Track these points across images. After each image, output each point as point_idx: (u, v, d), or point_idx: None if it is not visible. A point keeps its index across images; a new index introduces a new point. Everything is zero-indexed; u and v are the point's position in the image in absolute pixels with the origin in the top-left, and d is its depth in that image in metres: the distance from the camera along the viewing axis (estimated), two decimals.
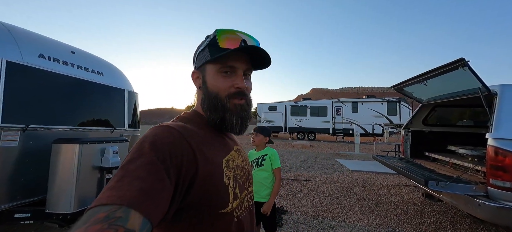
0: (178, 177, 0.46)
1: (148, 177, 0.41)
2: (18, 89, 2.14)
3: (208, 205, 0.52)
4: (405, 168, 2.75)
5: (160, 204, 0.41)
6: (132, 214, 0.36)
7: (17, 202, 2.24)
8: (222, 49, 0.57)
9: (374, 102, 16.84)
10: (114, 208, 0.35)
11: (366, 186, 4.86)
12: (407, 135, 3.80)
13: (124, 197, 0.37)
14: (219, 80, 0.59)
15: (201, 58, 0.61)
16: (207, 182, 0.51)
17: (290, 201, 4.05)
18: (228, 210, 0.55)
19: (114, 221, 0.33)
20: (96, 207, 0.36)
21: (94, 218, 0.33)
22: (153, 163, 0.43)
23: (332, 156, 9.44)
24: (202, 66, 0.61)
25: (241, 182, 0.63)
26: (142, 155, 0.44)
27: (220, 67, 0.59)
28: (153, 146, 0.46)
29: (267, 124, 19.32)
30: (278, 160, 2.07)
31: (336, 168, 6.74)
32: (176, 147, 0.48)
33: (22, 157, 2.21)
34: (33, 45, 2.36)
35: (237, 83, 0.59)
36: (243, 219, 0.60)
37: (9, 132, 2.08)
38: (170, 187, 0.44)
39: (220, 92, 0.59)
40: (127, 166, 0.43)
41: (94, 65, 3.02)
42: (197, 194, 0.49)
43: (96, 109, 2.96)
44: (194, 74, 0.65)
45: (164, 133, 0.50)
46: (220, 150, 0.60)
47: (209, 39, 0.59)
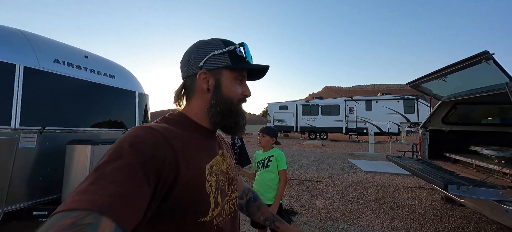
0: (157, 181, 0.43)
1: (126, 180, 0.38)
2: (35, 93, 2.25)
3: (187, 212, 0.49)
4: (423, 169, 2.59)
5: (135, 210, 0.38)
6: (103, 221, 0.33)
7: (35, 200, 2.36)
8: (245, 61, 0.62)
9: (390, 100, 16.17)
10: (83, 214, 0.32)
11: (381, 188, 4.65)
12: (425, 134, 3.58)
13: (96, 202, 0.34)
14: (236, 87, 0.62)
15: (217, 61, 0.60)
16: (188, 189, 0.49)
17: (300, 202, 3.96)
18: (207, 218, 0.53)
19: (82, 228, 0.30)
20: (63, 212, 0.33)
21: (59, 224, 0.30)
22: (132, 166, 0.40)
23: (345, 156, 9.17)
24: (216, 69, 0.61)
25: (223, 188, 0.61)
26: (121, 156, 0.41)
27: (237, 75, 0.62)
28: (133, 148, 0.43)
29: (278, 123, 19.21)
30: (284, 162, 2.02)
31: (349, 169, 6.53)
32: (158, 150, 0.46)
33: (39, 157, 2.32)
34: (49, 50, 2.47)
35: (247, 92, 0.64)
36: (224, 226, 0.59)
37: (27, 134, 2.19)
38: (148, 193, 0.41)
39: (234, 98, 0.62)
40: (102, 168, 0.39)
41: (106, 69, 3.12)
42: (176, 200, 0.47)
43: (108, 111, 3.06)
44: (202, 74, 0.60)
45: (146, 135, 0.47)
46: (204, 155, 0.58)
47: (233, 47, 0.61)
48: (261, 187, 2.00)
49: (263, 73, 0.68)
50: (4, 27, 2.27)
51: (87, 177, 0.39)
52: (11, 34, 2.26)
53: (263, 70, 0.66)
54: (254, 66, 0.64)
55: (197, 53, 0.61)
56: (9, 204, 2.14)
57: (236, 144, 2.36)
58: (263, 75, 0.69)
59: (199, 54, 0.61)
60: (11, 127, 2.07)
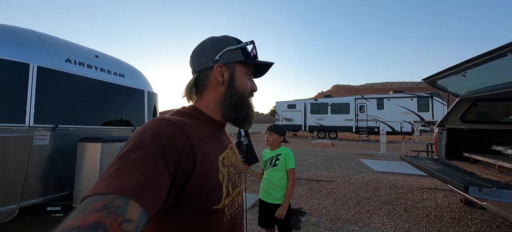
0: (176, 171, 0.46)
1: (148, 169, 0.41)
2: (47, 92, 2.31)
3: (202, 200, 0.52)
4: (440, 170, 2.45)
5: (157, 197, 0.41)
6: (131, 204, 0.36)
7: (49, 196, 2.43)
8: (254, 58, 0.68)
9: (403, 98, 15.61)
10: (113, 197, 0.35)
11: (394, 189, 4.48)
12: (442, 133, 3.40)
13: (123, 187, 0.37)
14: (247, 81, 0.67)
15: (232, 56, 0.64)
16: (203, 178, 0.52)
17: (309, 202, 3.88)
18: (220, 206, 0.56)
19: (113, 210, 0.33)
20: (94, 196, 0.35)
21: (92, 207, 0.33)
22: (153, 156, 0.43)
23: (355, 155, 8.95)
24: (231, 63, 0.64)
25: (233, 180, 0.64)
26: (142, 146, 0.44)
27: (248, 70, 0.68)
28: (154, 139, 0.45)
29: (286, 122, 19.05)
30: (292, 160, 1.96)
31: (360, 169, 6.35)
32: (177, 141, 0.48)
33: (52, 154, 2.39)
34: (61, 50, 2.53)
35: (254, 86, 0.70)
36: (234, 217, 0.62)
37: (41, 132, 2.25)
38: (168, 181, 0.44)
39: (245, 91, 0.66)
40: (126, 157, 0.42)
41: (116, 68, 3.16)
42: (193, 189, 0.50)
43: (118, 110, 3.11)
44: (218, 68, 0.64)
45: (165, 126, 0.50)
46: (216, 147, 0.61)
47: (245, 44, 0.66)
48: (268, 186, 1.96)
49: (266, 70, 0.74)
50: (19, 28, 2.34)
51: (111, 164, 0.42)
52: (25, 35, 2.32)
53: (266, 67, 0.72)
54: (262, 62, 0.69)
55: (212, 48, 0.64)
56: (24, 200, 2.21)
57: (243, 142, 2.32)
58: (265, 72, 0.75)
59: (214, 49, 0.64)
60: (26, 124, 2.13)
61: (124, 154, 0.43)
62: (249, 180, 4.94)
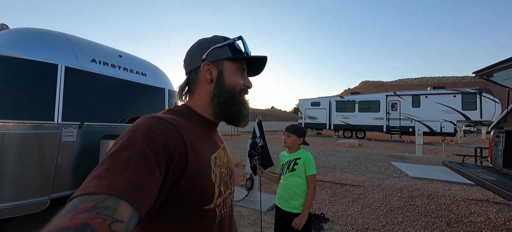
0: (168, 169, 0.46)
1: (139, 168, 0.40)
2: (74, 91, 2.43)
3: (194, 200, 0.52)
4: (498, 182, 2.01)
5: (148, 196, 0.40)
6: (121, 204, 0.35)
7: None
8: (243, 53, 0.66)
9: (444, 95, 13.94)
10: (102, 197, 0.34)
11: (433, 199, 3.94)
12: (499, 137, 2.84)
13: (113, 187, 0.36)
14: (237, 77, 0.65)
15: (218, 53, 0.64)
16: (196, 177, 0.52)
17: (333, 208, 3.60)
18: (212, 206, 0.56)
19: (102, 211, 0.33)
20: (83, 196, 0.34)
21: (81, 207, 0.32)
22: (145, 154, 0.42)
23: (386, 157, 8.21)
24: (218, 60, 0.64)
25: (225, 180, 0.63)
26: (133, 144, 0.43)
27: (238, 66, 0.66)
28: (146, 137, 0.45)
29: (310, 120, 18.44)
30: (313, 166, 1.76)
31: (391, 173, 5.77)
32: (169, 139, 0.48)
33: (79, 150, 2.52)
34: (87, 51, 2.65)
35: (247, 83, 0.68)
36: (225, 218, 0.62)
37: (69, 129, 2.38)
38: (160, 179, 0.43)
39: (236, 88, 0.64)
40: (116, 155, 0.41)
41: (138, 67, 3.25)
42: (185, 187, 0.50)
43: (140, 108, 3.19)
44: (206, 66, 0.64)
45: (157, 124, 0.49)
46: (209, 146, 0.61)
47: (232, 41, 0.65)
48: (285, 193, 1.78)
49: (261, 67, 0.71)
50: (48, 31, 2.50)
51: (101, 163, 0.40)
52: (55, 37, 2.47)
53: (261, 64, 0.70)
54: (252, 57, 0.67)
55: (199, 48, 0.65)
56: (55, 192, 2.36)
57: (258, 142, 2.17)
58: (261, 70, 0.72)
59: (201, 49, 0.65)
60: (55, 122, 2.26)
61: (114, 152, 0.42)
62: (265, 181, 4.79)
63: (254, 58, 0.67)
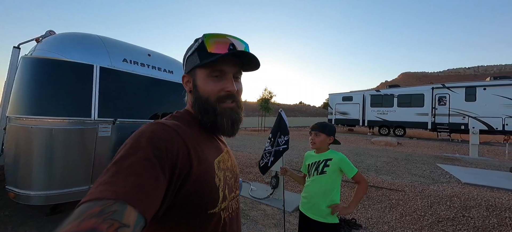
0: (172, 174, 0.47)
1: (144, 173, 0.41)
2: (108, 89, 2.60)
3: (198, 204, 0.52)
4: None
5: (154, 200, 0.41)
6: (127, 209, 0.36)
7: None
8: (211, 54, 0.58)
9: (508, 86, 11.72)
10: (109, 202, 0.35)
11: (494, 211, 3.30)
12: None
13: (119, 192, 0.37)
14: (209, 84, 0.60)
15: (190, 62, 0.62)
16: (200, 181, 0.52)
17: (366, 213, 3.28)
18: (216, 210, 0.56)
19: (110, 216, 0.33)
20: (91, 202, 0.35)
21: (88, 212, 0.33)
22: (149, 160, 0.43)
23: (432, 159, 7.25)
24: (192, 70, 0.62)
25: (230, 184, 0.63)
26: (138, 150, 0.44)
27: (210, 72, 0.60)
28: (150, 142, 0.46)
29: (341, 116, 17.42)
30: (351, 165, 1.56)
31: (438, 177, 5.04)
32: (173, 144, 0.49)
33: (114, 145, 2.70)
34: (118, 51, 2.81)
35: (227, 87, 0.61)
36: (230, 222, 0.61)
37: (104, 124, 2.57)
38: (164, 184, 0.44)
39: (210, 96, 0.60)
40: (121, 161, 0.42)
41: (166, 65, 3.36)
42: (189, 192, 0.50)
43: (167, 104, 3.32)
44: (185, 78, 0.66)
45: (160, 130, 0.50)
46: (212, 150, 0.60)
47: (197, 44, 0.60)
48: (312, 198, 1.60)
49: (253, 60, 0.62)
50: (86, 35, 2.71)
51: (107, 170, 0.41)
52: (91, 40, 2.67)
53: (249, 58, 0.61)
54: (215, 56, 0.57)
55: (182, 59, 0.66)
56: (94, 182, 2.58)
57: (280, 143, 2.01)
58: (254, 63, 0.63)
59: (183, 60, 0.66)
60: (92, 118, 2.45)
61: (119, 158, 0.43)
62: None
63: (215, 58, 0.57)
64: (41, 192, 2.28)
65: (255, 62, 0.63)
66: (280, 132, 2.07)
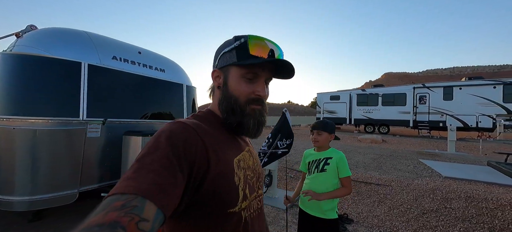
0: (191, 172, 0.47)
1: (163, 170, 0.43)
2: (96, 88, 2.49)
3: (217, 203, 0.52)
4: None
5: (173, 197, 0.42)
6: (147, 204, 0.37)
7: (105, 182, 2.68)
8: (252, 56, 0.58)
9: (481, 86, 12.58)
10: (130, 197, 0.37)
11: (472, 202, 3.54)
12: None
13: (140, 188, 0.39)
14: (242, 85, 0.60)
15: (226, 58, 0.61)
16: (218, 180, 0.52)
17: (357, 208, 3.39)
18: (236, 209, 0.56)
19: (130, 210, 0.35)
20: (114, 196, 0.37)
21: (112, 206, 0.35)
22: (168, 157, 0.45)
23: (414, 154, 7.64)
24: (225, 67, 0.62)
25: (251, 183, 0.62)
26: (158, 149, 0.46)
27: (245, 73, 0.60)
28: (169, 141, 0.47)
29: (328, 115, 17.84)
30: (347, 166, 1.60)
31: (421, 172, 5.32)
32: (190, 143, 0.50)
33: (104, 145, 2.60)
34: (107, 48, 2.70)
35: (259, 91, 0.61)
36: (251, 221, 0.60)
37: (93, 125, 2.46)
38: (183, 182, 0.45)
39: (240, 97, 0.60)
40: (143, 159, 0.44)
41: (157, 63, 3.27)
42: (208, 190, 0.51)
43: (159, 103, 3.23)
44: (215, 73, 0.64)
45: (179, 129, 0.51)
46: (232, 149, 0.61)
47: (239, 43, 0.59)
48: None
49: (288, 68, 0.61)
50: (73, 30, 2.57)
51: (131, 166, 0.44)
52: (78, 36, 2.54)
53: (286, 66, 0.60)
54: (258, 60, 0.58)
55: (216, 53, 0.65)
56: (83, 185, 2.46)
57: (280, 146, 2.00)
58: (289, 72, 0.62)
59: (216, 53, 0.64)
60: (80, 118, 2.34)
61: (142, 156, 0.45)
62: (283, 178, 4.67)
63: (258, 62, 0.57)
64: (24, 198, 2.15)
65: (289, 71, 0.62)
66: (281, 134, 2.03)
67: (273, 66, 0.61)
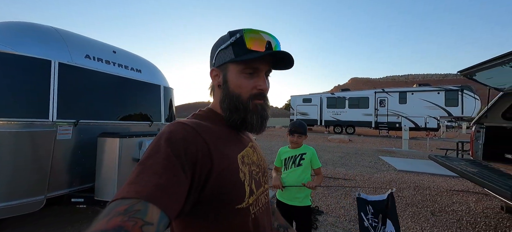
0: (194, 171, 0.47)
1: (164, 172, 0.42)
2: (68, 88, 2.37)
3: (224, 200, 0.52)
4: (479, 174, 2.19)
5: (176, 198, 0.42)
6: (150, 207, 0.37)
7: (74, 188, 2.53)
8: (249, 51, 0.56)
9: (428, 92, 14.56)
10: (133, 201, 0.37)
11: (419, 190, 4.18)
12: (480, 132, 3.06)
13: (142, 191, 0.39)
14: (242, 81, 0.59)
15: (223, 56, 0.60)
16: (223, 177, 0.52)
17: (326, 201, 3.74)
18: (244, 205, 0.55)
19: (134, 214, 0.35)
20: (117, 200, 0.37)
21: (115, 210, 0.35)
22: (168, 159, 0.44)
23: (375, 152, 8.53)
24: (223, 64, 0.61)
25: (257, 178, 0.62)
26: (159, 151, 0.46)
27: (244, 68, 0.59)
28: (169, 142, 0.47)
29: (301, 116, 18.71)
30: (318, 159, 1.91)
31: (380, 167, 6.02)
32: (191, 142, 0.49)
33: (75, 148, 2.47)
34: (80, 47, 2.58)
35: (260, 85, 0.60)
36: (260, 216, 0.60)
37: (64, 126, 2.33)
38: (186, 182, 0.45)
39: (242, 93, 0.59)
40: (145, 162, 0.44)
41: (133, 63, 3.20)
42: (213, 188, 0.50)
43: (136, 105, 3.15)
44: (213, 71, 0.64)
45: (179, 129, 0.51)
46: (235, 146, 0.60)
47: (235, 38, 0.58)
48: (292, 188, 1.87)
49: (287, 59, 0.60)
50: (40, 26, 2.40)
51: (133, 170, 0.44)
52: (46, 32, 2.38)
53: (285, 57, 0.59)
54: (256, 55, 0.56)
55: (212, 51, 0.64)
56: (51, 191, 2.31)
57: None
58: (288, 62, 0.61)
59: (212, 52, 0.63)
60: (49, 120, 2.20)
61: (143, 159, 0.45)
62: None
63: (256, 56, 0.57)
64: None
65: (288, 61, 0.61)
66: (388, 218, 1.56)
67: (271, 58, 0.61)
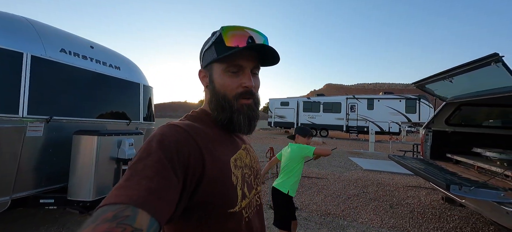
0: (186, 175, 0.46)
1: (155, 176, 0.41)
2: (41, 83, 2.25)
3: (217, 204, 0.51)
4: (425, 169, 2.61)
5: (167, 203, 0.41)
6: (139, 213, 0.36)
7: (42, 188, 2.40)
8: (229, 48, 0.55)
9: (392, 100, 16.14)
10: (122, 207, 0.35)
11: (381, 186, 4.69)
12: (428, 135, 3.59)
13: (131, 196, 0.37)
14: (226, 80, 0.58)
15: (207, 56, 0.60)
16: (215, 181, 0.51)
17: (301, 198, 4.00)
18: (237, 209, 0.55)
19: (122, 220, 0.33)
20: (105, 206, 0.36)
21: (103, 217, 0.34)
22: (160, 162, 0.43)
23: (345, 153, 9.21)
24: (208, 65, 0.60)
25: (249, 181, 0.62)
26: (150, 154, 0.44)
27: (227, 67, 0.57)
28: (160, 145, 0.46)
29: (279, 119, 19.22)
30: (306, 148, 2.18)
31: (349, 167, 6.57)
32: (183, 145, 0.48)
33: (46, 146, 2.34)
34: (55, 40, 2.46)
35: (245, 83, 0.58)
36: (252, 218, 0.60)
37: (34, 123, 2.21)
38: (177, 186, 0.44)
39: (227, 93, 0.58)
40: (135, 166, 0.43)
41: (112, 60, 3.11)
42: (205, 192, 0.49)
43: (113, 103, 3.07)
44: (201, 73, 0.64)
45: (171, 132, 0.50)
46: (227, 149, 0.59)
47: (215, 37, 0.57)
48: (285, 175, 2.15)
49: (272, 54, 0.58)
50: (11, 15, 2.26)
51: (123, 175, 0.42)
52: (18, 23, 2.25)
53: (269, 52, 0.58)
54: (233, 50, 0.54)
55: (199, 53, 0.64)
56: (16, 192, 2.17)
57: None
58: (273, 58, 0.60)
59: (200, 53, 0.63)
60: (19, 115, 2.08)
61: (133, 163, 0.44)
62: None
63: (233, 51, 0.54)
64: None
65: (274, 56, 0.59)
66: None
67: (256, 54, 0.59)
